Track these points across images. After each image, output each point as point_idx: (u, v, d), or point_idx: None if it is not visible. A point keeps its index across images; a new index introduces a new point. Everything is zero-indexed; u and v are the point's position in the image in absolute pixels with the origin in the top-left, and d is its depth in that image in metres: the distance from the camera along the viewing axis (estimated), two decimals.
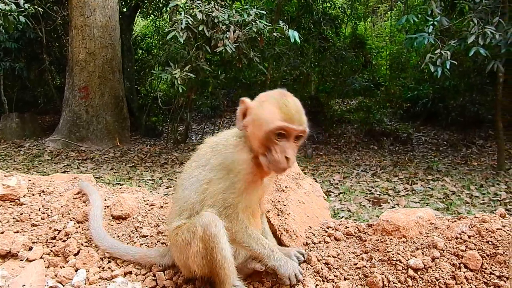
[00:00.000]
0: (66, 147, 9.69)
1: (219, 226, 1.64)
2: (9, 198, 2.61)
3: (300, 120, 1.58)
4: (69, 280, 1.95)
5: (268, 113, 1.57)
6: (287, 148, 1.55)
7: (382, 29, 16.25)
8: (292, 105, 1.59)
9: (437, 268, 1.63)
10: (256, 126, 1.61)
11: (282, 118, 1.54)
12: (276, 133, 1.55)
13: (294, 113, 1.58)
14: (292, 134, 1.56)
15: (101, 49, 10.07)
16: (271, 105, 1.59)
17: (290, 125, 1.54)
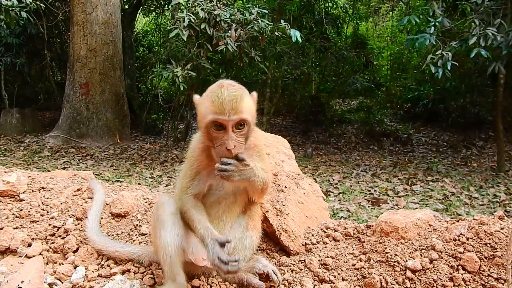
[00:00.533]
0: (66, 144, 9.69)
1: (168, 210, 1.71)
2: (9, 194, 2.61)
3: (233, 110, 1.56)
4: (68, 277, 1.95)
5: (204, 109, 1.62)
6: (226, 140, 1.57)
7: (384, 29, 16.23)
8: (225, 96, 1.57)
9: (435, 269, 1.63)
10: (199, 122, 1.69)
11: (213, 111, 1.57)
12: (211, 126, 1.59)
13: (226, 103, 1.56)
14: (227, 124, 1.57)
15: (102, 46, 10.06)
16: (206, 99, 1.63)
17: (221, 116, 1.55)
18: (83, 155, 8.97)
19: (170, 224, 1.69)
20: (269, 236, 2.01)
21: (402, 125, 12.31)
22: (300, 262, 1.86)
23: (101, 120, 10.16)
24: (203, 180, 1.75)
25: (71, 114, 10.05)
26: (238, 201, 1.84)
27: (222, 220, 1.83)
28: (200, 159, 1.74)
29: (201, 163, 1.73)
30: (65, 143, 9.70)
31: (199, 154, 1.74)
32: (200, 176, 1.74)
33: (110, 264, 2.00)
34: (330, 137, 11.60)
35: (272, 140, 2.49)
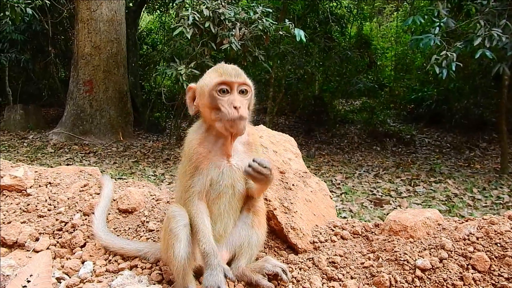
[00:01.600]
0: (70, 140, 9.71)
1: (180, 222, 1.70)
2: (16, 189, 2.62)
3: (237, 74, 1.67)
4: (76, 272, 1.96)
5: (208, 79, 1.71)
6: (233, 100, 1.63)
7: (388, 29, 16.20)
8: (227, 66, 1.71)
9: (445, 269, 1.63)
10: (201, 97, 1.72)
11: (219, 75, 1.66)
12: (217, 90, 1.65)
13: (230, 69, 1.68)
14: (233, 86, 1.65)
15: (106, 43, 10.08)
16: (210, 73, 1.74)
17: (227, 78, 1.64)
18: (86, 152, 8.99)
19: (184, 237, 1.68)
20: (277, 234, 2.01)
21: (405, 126, 12.29)
22: (308, 260, 1.85)
23: (105, 117, 10.18)
24: (203, 175, 1.73)
25: (75, 111, 10.07)
26: (237, 194, 1.82)
27: (224, 217, 1.82)
28: (198, 151, 1.73)
29: (200, 155, 1.73)
30: (68, 140, 9.72)
31: (198, 146, 1.74)
32: (200, 170, 1.73)
33: (117, 260, 2.00)
34: (333, 137, 11.59)
35: (279, 138, 2.49)
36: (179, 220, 1.70)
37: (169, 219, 1.73)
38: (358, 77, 11.65)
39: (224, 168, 1.75)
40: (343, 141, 11.37)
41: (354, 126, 12.58)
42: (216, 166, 1.74)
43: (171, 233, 1.69)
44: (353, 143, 11.22)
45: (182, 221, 1.71)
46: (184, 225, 1.70)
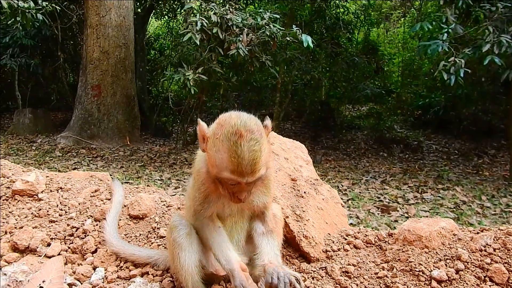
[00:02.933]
0: (77, 144, 9.78)
1: (182, 231, 1.72)
2: (28, 194, 2.63)
3: (251, 172, 1.48)
4: (87, 278, 1.95)
5: (219, 160, 1.50)
6: (238, 192, 1.54)
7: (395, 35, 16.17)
8: (244, 154, 1.46)
9: (461, 280, 1.60)
10: (210, 164, 1.57)
11: (231, 170, 1.47)
12: (224, 181, 1.53)
13: (245, 164, 1.46)
14: (242, 184, 1.52)
15: (114, 49, 10.17)
16: (223, 150, 1.49)
17: (239, 179, 1.48)
18: (93, 156, 9.04)
19: (187, 245, 1.70)
20: (289, 242, 1.99)
21: (413, 132, 12.22)
22: (321, 269, 1.83)
23: (112, 121, 10.25)
24: (213, 202, 1.70)
25: (83, 115, 10.16)
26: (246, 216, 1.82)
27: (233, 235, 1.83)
28: (207, 183, 1.67)
29: (208, 187, 1.68)
30: (76, 144, 9.79)
31: (206, 179, 1.67)
32: (209, 199, 1.70)
33: (129, 266, 2.00)
34: (340, 143, 11.55)
35: (290, 145, 2.48)
36: (181, 229, 1.73)
37: (171, 230, 1.75)
38: (365, 83, 11.64)
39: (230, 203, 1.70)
40: (349, 147, 11.32)
41: (360, 132, 12.53)
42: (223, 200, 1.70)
43: (174, 243, 1.71)
44: (359, 149, 11.17)
45: (183, 230, 1.73)
46: (186, 234, 1.72)
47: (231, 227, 1.80)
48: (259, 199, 1.72)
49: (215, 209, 1.72)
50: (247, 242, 1.86)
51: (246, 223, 1.83)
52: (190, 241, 1.71)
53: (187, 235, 1.72)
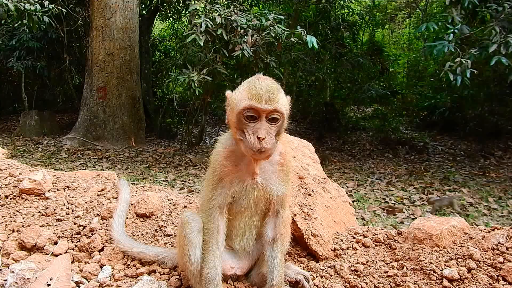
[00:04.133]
0: (83, 146, 9.83)
1: (195, 228, 1.69)
2: (35, 193, 2.64)
3: (269, 99, 1.52)
4: (94, 276, 1.95)
5: (238, 96, 1.58)
6: (258, 129, 1.51)
7: (400, 36, 16.12)
8: (262, 86, 1.54)
9: (473, 279, 1.57)
10: (230, 112, 1.62)
11: (248, 97, 1.52)
12: (245, 114, 1.53)
13: (263, 92, 1.52)
14: (261, 113, 1.52)
15: (120, 51, 10.22)
16: (242, 88, 1.60)
17: (257, 104, 1.50)
18: (99, 158, 9.07)
19: (198, 242, 1.69)
20: (297, 240, 1.97)
21: (418, 133, 12.14)
22: (329, 268, 1.81)
23: (117, 123, 10.28)
24: (226, 188, 1.68)
25: (88, 117, 10.20)
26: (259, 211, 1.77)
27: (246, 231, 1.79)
28: (224, 164, 1.67)
29: (225, 168, 1.67)
30: (82, 145, 9.83)
31: (224, 159, 1.67)
32: (223, 183, 1.67)
33: (136, 264, 1.99)
34: (344, 144, 11.50)
35: (297, 143, 2.47)
36: (193, 225, 1.70)
37: (183, 225, 1.73)
38: (370, 84, 11.59)
39: (248, 184, 1.67)
40: (354, 148, 11.27)
41: (366, 133, 12.47)
42: (240, 181, 1.67)
43: (185, 238, 1.69)
44: (365, 150, 11.11)
45: (196, 227, 1.70)
46: (198, 231, 1.70)
47: (245, 223, 1.77)
48: (278, 188, 1.69)
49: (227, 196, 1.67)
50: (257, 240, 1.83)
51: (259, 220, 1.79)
52: (201, 238, 1.70)
53: (199, 232, 1.70)
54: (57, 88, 13.43)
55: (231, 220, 1.75)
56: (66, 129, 11.47)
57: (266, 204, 1.74)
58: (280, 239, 1.72)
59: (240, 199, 1.70)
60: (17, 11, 7.52)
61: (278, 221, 1.74)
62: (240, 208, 1.72)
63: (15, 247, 2.17)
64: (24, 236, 2.18)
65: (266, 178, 1.68)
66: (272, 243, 1.72)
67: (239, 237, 1.80)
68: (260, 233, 1.81)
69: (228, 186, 1.67)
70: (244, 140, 1.54)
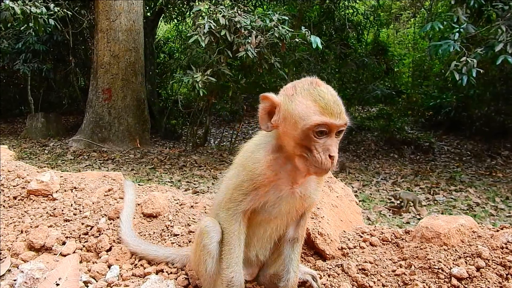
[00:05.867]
0: (88, 147, 9.89)
1: (214, 239, 1.61)
2: (43, 193, 2.66)
3: (340, 113, 1.37)
4: (102, 276, 1.96)
5: (303, 108, 1.37)
6: (329, 146, 1.36)
7: (405, 36, 16.05)
8: (329, 96, 1.38)
9: (482, 278, 1.56)
10: (289, 125, 1.40)
11: (320, 112, 1.35)
12: (315, 130, 1.35)
13: (333, 105, 1.36)
14: (333, 129, 1.37)
15: (125, 52, 10.28)
16: (304, 98, 1.39)
17: (331, 120, 1.34)
18: (104, 159, 9.12)
19: (216, 253, 1.61)
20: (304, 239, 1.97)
21: (424, 133, 12.08)
22: (337, 267, 1.81)
23: (123, 125, 10.34)
24: (260, 196, 1.53)
25: (94, 118, 10.27)
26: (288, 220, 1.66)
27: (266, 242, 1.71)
28: (266, 173, 1.49)
29: (265, 178, 1.50)
30: (87, 147, 9.90)
31: (267, 168, 1.49)
32: (258, 191, 1.52)
33: (143, 264, 2.00)
34: (349, 145, 11.47)
35: None
36: (213, 236, 1.62)
37: (202, 235, 1.64)
38: (375, 84, 11.55)
39: (284, 194, 1.53)
40: (359, 148, 11.23)
41: (371, 133, 12.42)
42: (277, 190, 1.52)
43: (204, 249, 1.62)
44: (370, 150, 11.07)
45: (215, 238, 1.62)
46: (217, 242, 1.62)
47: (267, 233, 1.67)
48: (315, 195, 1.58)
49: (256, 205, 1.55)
50: None
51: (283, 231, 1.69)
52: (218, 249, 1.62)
53: (218, 243, 1.61)
54: (62, 91, 13.54)
55: (255, 227, 1.65)
56: (72, 131, 11.56)
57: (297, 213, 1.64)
58: (301, 240, 1.67)
59: (271, 208, 1.57)
60: (23, 14, 7.60)
61: (302, 222, 1.66)
62: (268, 216, 1.60)
63: (24, 247, 2.18)
64: (33, 237, 2.19)
65: (305, 187, 1.55)
66: (292, 243, 1.66)
67: (258, 247, 1.71)
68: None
69: (263, 194, 1.53)
70: (309, 158, 1.38)
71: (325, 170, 1.38)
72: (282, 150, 1.49)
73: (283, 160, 1.49)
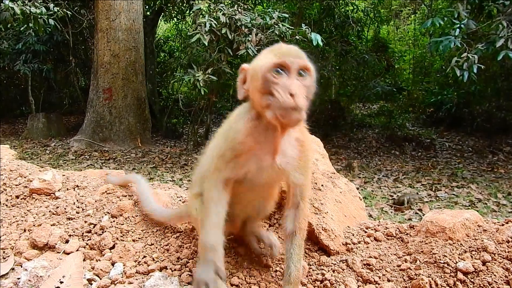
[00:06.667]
0: (90, 147, 9.89)
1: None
2: (45, 192, 2.66)
3: (297, 54, 1.44)
4: (106, 273, 1.96)
5: (263, 60, 1.46)
6: (289, 85, 1.38)
7: (405, 32, 16.02)
8: (287, 46, 1.49)
9: (489, 272, 1.55)
10: (253, 79, 1.48)
11: (276, 55, 1.42)
12: (273, 72, 1.40)
13: (291, 50, 1.46)
14: (291, 68, 1.40)
15: (125, 52, 10.27)
16: (265, 53, 1.51)
17: (286, 58, 1.40)
18: (106, 159, 9.13)
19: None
20: (308, 235, 1.94)
21: (425, 130, 12.06)
22: (341, 262, 1.80)
23: (123, 124, 10.33)
24: (241, 165, 1.57)
25: (95, 118, 10.27)
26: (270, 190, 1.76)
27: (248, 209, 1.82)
28: (245, 141, 1.54)
29: (245, 146, 1.54)
30: (89, 147, 9.90)
31: (246, 136, 1.54)
32: (238, 159, 1.56)
33: (147, 261, 2.00)
34: (350, 142, 11.46)
35: None
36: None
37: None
38: (375, 81, 11.54)
39: (265, 164, 1.57)
40: (361, 146, 11.22)
41: (372, 130, 12.41)
42: (258, 160, 1.57)
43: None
44: (371, 147, 11.06)
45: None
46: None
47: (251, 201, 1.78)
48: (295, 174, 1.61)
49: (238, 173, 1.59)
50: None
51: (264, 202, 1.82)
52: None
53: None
54: (63, 91, 13.54)
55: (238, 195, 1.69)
56: (73, 131, 11.56)
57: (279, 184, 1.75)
58: (299, 233, 1.67)
59: (253, 179, 1.62)
60: (23, 15, 7.59)
61: (298, 213, 1.67)
62: (251, 186, 1.65)
63: (27, 246, 2.18)
64: (36, 235, 2.19)
65: (285, 161, 1.59)
66: (291, 236, 1.67)
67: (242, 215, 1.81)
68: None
69: (244, 163, 1.57)
70: (273, 101, 1.39)
71: (288, 107, 1.36)
72: (259, 118, 1.53)
73: (262, 128, 1.53)
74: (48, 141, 10.68)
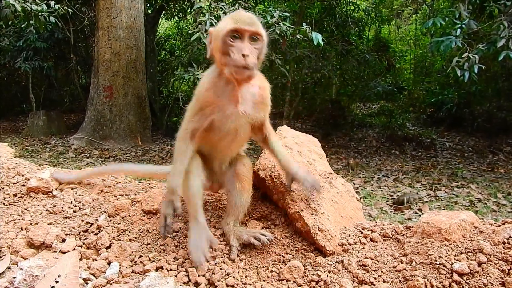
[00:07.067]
0: (90, 145, 9.89)
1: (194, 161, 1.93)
2: (42, 191, 2.66)
3: (251, 22, 1.70)
4: (102, 273, 1.96)
5: (223, 24, 1.74)
6: (242, 48, 1.66)
7: (406, 32, 15.98)
8: (244, 13, 1.75)
9: (484, 273, 1.55)
10: (215, 41, 1.76)
11: (233, 22, 1.69)
12: (229, 35, 1.68)
13: (245, 17, 1.71)
14: (244, 34, 1.68)
15: (125, 50, 10.26)
16: (225, 19, 1.78)
17: (240, 25, 1.67)
18: (106, 157, 9.13)
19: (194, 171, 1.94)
20: (304, 236, 1.96)
21: (425, 130, 12.04)
22: (337, 263, 1.80)
23: (124, 122, 10.33)
24: (205, 115, 1.85)
25: (95, 116, 10.26)
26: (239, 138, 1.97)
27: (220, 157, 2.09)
28: (207, 94, 1.83)
29: (208, 98, 1.83)
30: (89, 145, 9.90)
31: (207, 89, 1.83)
32: (203, 111, 1.84)
33: (143, 261, 1.99)
34: (351, 141, 11.44)
35: (303, 138, 2.45)
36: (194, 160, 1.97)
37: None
38: (376, 80, 11.50)
39: (229, 112, 1.83)
40: (361, 145, 11.20)
41: (372, 130, 12.39)
42: (221, 110, 1.83)
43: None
44: (371, 147, 11.05)
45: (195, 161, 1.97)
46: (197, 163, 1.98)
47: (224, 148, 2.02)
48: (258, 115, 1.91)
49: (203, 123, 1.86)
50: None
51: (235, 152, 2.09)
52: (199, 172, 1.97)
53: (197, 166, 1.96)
54: (64, 88, 13.53)
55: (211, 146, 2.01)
56: (73, 129, 11.56)
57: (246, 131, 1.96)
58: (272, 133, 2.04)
59: (222, 126, 1.88)
60: (24, 12, 7.57)
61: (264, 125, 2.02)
62: (220, 135, 1.92)
63: (23, 245, 2.18)
64: (33, 234, 2.19)
65: (248, 107, 1.86)
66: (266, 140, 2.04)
67: (215, 161, 2.09)
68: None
69: (208, 114, 1.85)
70: (229, 60, 1.69)
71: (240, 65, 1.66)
72: (221, 75, 1.80)
73: (223, 83, 1.81)
74: (48, 138, 10.69)
